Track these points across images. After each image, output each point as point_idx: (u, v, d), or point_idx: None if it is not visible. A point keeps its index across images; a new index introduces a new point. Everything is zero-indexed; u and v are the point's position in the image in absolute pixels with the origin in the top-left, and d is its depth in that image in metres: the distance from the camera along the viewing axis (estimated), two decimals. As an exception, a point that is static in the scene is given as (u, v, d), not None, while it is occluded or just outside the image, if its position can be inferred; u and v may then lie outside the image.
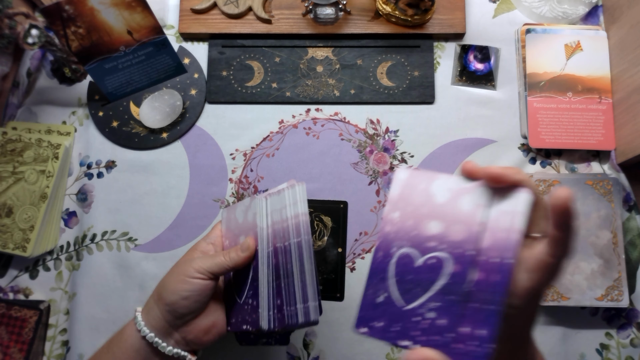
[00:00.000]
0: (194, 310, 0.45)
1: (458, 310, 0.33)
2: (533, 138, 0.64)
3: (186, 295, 0.44)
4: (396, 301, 0.35)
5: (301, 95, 0.67)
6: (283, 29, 0.68)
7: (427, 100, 0.67)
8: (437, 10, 0.67)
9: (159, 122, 0.66)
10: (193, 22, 0.68)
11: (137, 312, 0.47)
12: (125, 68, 0.65)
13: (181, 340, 0.46)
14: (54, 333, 0.63)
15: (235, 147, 0.66)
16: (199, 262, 0.45)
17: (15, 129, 0.66)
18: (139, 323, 0.45)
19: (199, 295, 0.45)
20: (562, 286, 0.58)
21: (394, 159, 0.65)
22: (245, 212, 0.49)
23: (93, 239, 0.64)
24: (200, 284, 0.44)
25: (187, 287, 0.44)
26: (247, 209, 0.49)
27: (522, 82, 0.66)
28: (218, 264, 0.45)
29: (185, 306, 0.44)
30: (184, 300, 0.44)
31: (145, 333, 0.45)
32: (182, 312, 0.45)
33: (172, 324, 0.45)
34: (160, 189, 0.65)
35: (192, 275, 0.44)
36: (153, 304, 0.46)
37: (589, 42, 0.65)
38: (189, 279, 0.44)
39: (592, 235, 0.59)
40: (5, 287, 0.64)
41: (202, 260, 0.45)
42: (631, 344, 0.60)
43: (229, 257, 0.46)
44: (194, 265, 0.45)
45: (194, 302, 0.45)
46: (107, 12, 0.59)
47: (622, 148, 0.62)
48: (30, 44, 0.57)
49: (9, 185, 0.63)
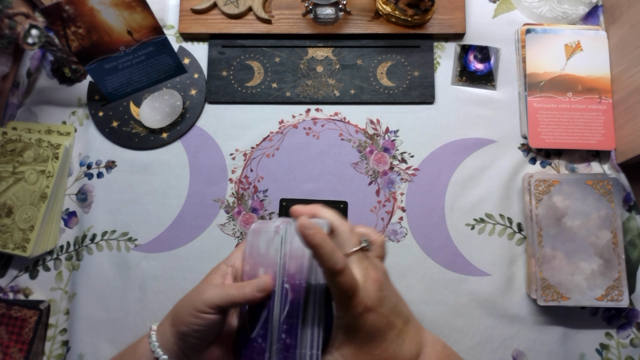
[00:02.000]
0: (205, 341, 0.45)
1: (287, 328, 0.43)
2: (533, 138, 0.64)
3: (197, 329, 0.44)
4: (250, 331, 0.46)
5: (301, 95, 0.67)
6: (283, 29, 0.68)
7: (427, 100, 0.67)
8: (437, 10, 0.67)
9: (159, 122, 0.66)
10: (193, 22, 0.68)
11: (152, 332, 0.46)
12: (125, 68, 0.65)
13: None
14: (54, 333, 0.63)
15: (235, 147, 0.66)
16: (211, 295, 0.44)
17: (15, 129, 0.66)
18: (153, 344, 0.45)
19: (210, 329, 0.44)
20: (562, 286, 0.58)
21: (394, 159, 0.65)
22: (268, 244, 0.47)
23: (93, 239, 0.64)
24: (210, 319, 0.43)
25: (198, 321, 0.43)
26: (270, 242, 0.46)
27: (522, 82, 0.66)
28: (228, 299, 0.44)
29: (197, 337, 0.44)
30: (196, 332, 0.44)
31: (159, 355, 0.44)
32: (193, 343, 0.44)
33: (184, 350, 0.45)
34: (160, 189, 0.65)
35: (203, 310, 0.43)
36: (167, 327, 0.45)
37: (589, 42, 0.65)
38: (200, 313, 0.43)
39: (592, 235, 0.59)
40: (5, 287, 0.64)
41: (215, 293, 0.44)
42: (631, 344, 0.60)
43: (243, 293, 0.44)
44: (205, 298, 0.43)
45: (205, 334, 0.44)
46: (107, 12, 0.59)
47: (622, 148, 0.62)
48: (30, 44, 0.57)
49: (9, 185, 0.63)
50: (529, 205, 0.61)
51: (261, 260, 0.47)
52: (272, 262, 0.46)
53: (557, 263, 0.59)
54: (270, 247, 0.46)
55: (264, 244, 0.47)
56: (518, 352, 0.60)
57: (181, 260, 0.63)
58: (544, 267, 0.59)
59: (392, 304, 0.41)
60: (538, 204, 0.60)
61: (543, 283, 0.58)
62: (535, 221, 0.60)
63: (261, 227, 0.48)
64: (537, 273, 0.59)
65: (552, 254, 0.59)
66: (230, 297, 0.44)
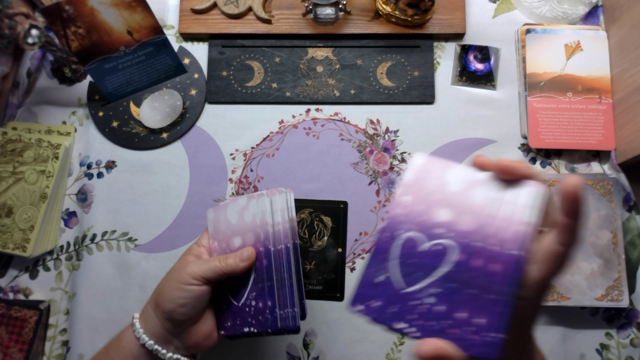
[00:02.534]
0: (192, 317, 0.45)
1: (458, 298, 0.33)
2: (533, 138, 0.64)
3: (183, 302, 0.44)
4: (396, 283, 0.35)
5: (301, 95, 0.67)
6: (283, 29, 0.68)
7: (427, 100, 0.67)
8: (437, 10, 0.67)
9: (159, 122, 0.66)
10: (193, 22, 0.68)
11: (134, 319, 0.46)
12: (125, 68, 0.65)
13: (181, 346, 0.46)
14: (54, 333, 0.63)
15: (235, 147, 0.66)
16: (193, 267, 0.44)
17: (15, 129, 0.66)
18: (138, 330, 0.45)
19: (196, 302, 0.44)
20: (562, 286, 0.58)
21: (394, 159, 0.65)
22: (240, 212, 0.49)
23: (93, 239, 0.64)
24: (196, 290, 0.44)
25: (184, 294, 0.44)
26: (242, 210, 0.49)
27: (522, 82, 0.66)
28: (213, 270, 0.44)
29: (183, 313, 0.44)
30: (182, 307, 0.44)
31: (144, 341, 0.44)
32: (180, 320, 0.44)
33: (171, 331, 0.45)
34: (160, 189, 0.65)
35: (188, 282, 0.44)
36: (151, 311, 0.46)
37: (589, 42, 0.65)
38: (185, 285, 0.44)
39: (592, 235, 0.59)
40: (5, 287, 0.64)
41: (197, 266, 0.45)
42: (631, 344, 0.60)
43: (226, 264, 0.45)
44: (188, 271, 0.44)
45: (192, 308, 0.44)
46: (107, 12, 0.59)
47: (622, 148, 0.62)
48: (30, 44, 0.57)
49: (9, 185, 0.63)
50: (529, 205, 0.61)
51: (233, 230, 0.49)
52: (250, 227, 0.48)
53: (557, 263, 0.59)
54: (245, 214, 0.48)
55: (234, 215, 0.49)
56: (518, 352, 0.60)
57: (181, 260, 0.63)
58: (544, 267, 0.59)
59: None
60: (538, 204, 0.60)
61: (543, 283, 0.58)
62: (535, 221, 0.60)
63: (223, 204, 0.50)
64: (537, 273, 0.59)
65: (552, 254, 0.59)
66: (214, 267, 0.44)
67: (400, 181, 0.37)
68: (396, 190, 0.38)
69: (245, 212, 0.48)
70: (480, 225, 0.34)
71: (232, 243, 0.48)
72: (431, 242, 0.35)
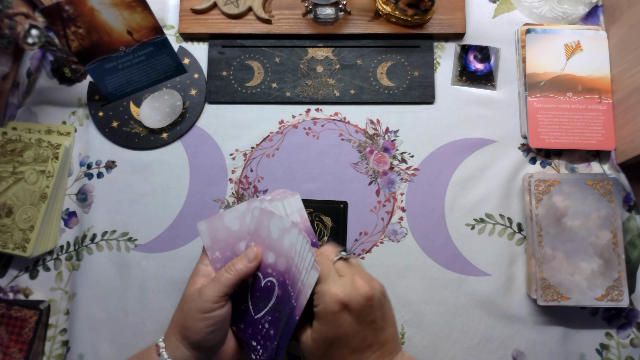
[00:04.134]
0: (221, 339, 0.46)
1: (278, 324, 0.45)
2: (533, 138, 0.64)
3: (211, 330, 0.44)
4: (251, 310, 0.47)
5: (301, 95, 0.67)
6: (283, 29, 0.68)
7: (427, 100, 0.67)
8: (437, 10, 0.67)
9: (159, 122, 0.66)
10: (193, 22, 0.68)
11: (161, 349, 0.45)
12: (125, 68, 0.65)
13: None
14: (54, 333, 0.63)
15: (235, 147, 0.66)
16: (209, 292, 0.44)
17: (15, 129, 0.66)
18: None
19: (222, 324, 0.45)
20: (562, 286, 0.58)
21: (394, 159, 0.65)
22: (240, 217, 0.48)
23: (93, 239, 0.64)
24: (220, 314, 0.44)
25: (210, 322, 0.43)
26: (243, 214, 0.48)
27: (522, 82, 0.66)
28: (227, 285, 0.44)
29: (213, 339, 0.44)
30: (210, 335, 0.44)
31: None
32: (211, 345, 0.45)
33: (202, 358, 0.45)
34: (160, 189, 0.65)
35: (210, 309, 0.43)
36: (178, 343, 0.45)
37: (589, 42, 0.65)
38: (208, 314, 0.43)
39: (592, 235, 0.59)
40: (5, 287, 0.64)
41: (212, 289, 0.44)
42: (631, 344, 0.60)
43: (236, 270, 0.45)
44: (206, 298, 0.44)
45: (219, 331, 0.45)
46: (107, 12, 0.59)
47: (622, 148, 0.62)
48: (30, 44, 0.57)
49: (9, 185, 0.63)
50: (529, 205, 0.61)
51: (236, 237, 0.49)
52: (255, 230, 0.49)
53: (557, 263, 0.59)
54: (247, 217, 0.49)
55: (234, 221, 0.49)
56: (518, 352, 0.60)
57: (181, 260, 0.63)
58: (544, 267, 0.59)
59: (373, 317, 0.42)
60: (538, 204, 0.60)
61: (543, 283, 0.58)
62: (535, 221, 0.60)
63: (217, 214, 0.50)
64: (537, 273, 0.59)
65: (552, 254, 0.59)
66: (226, 280, 0.44)
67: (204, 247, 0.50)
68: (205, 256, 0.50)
69: (247, 215, 0.48)
70: (287, 267, 0.44)
71: (237, 247, 0.48)
72: (265, 279, 0.46)
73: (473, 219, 0.64)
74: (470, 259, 0.62)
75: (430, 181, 0.65)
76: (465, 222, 0.63)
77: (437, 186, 0.64)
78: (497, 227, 0.63)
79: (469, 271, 0.62)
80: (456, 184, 0.64)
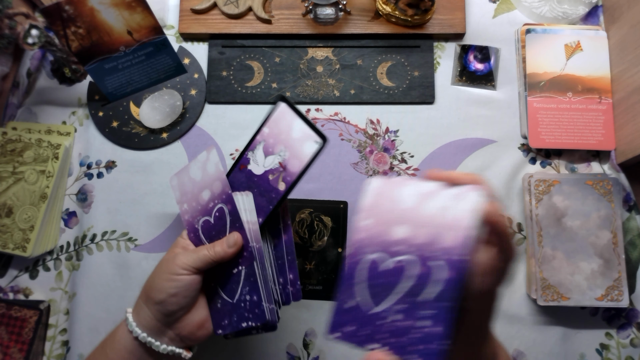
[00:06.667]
0: (184, 306, 0.45)
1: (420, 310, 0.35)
2: (533, 138, 0.64)
3: (174, 292, 0.44)
4: (365, 305, 0.37)
5: (301, 95, 0.67)
6: (283, 29, 0.68)
7: (427, 100, 0.67)
8: (437, 10, 0.67)
9: (159, 122, 0.66)
10: (193, 22, 0.68)
11: (127, 313, 0.46)
12: (125, 68, 0.65)
13: (175, 337, 0.46)
14: (54, 333, 0.63)
15: (235, 147, 0.66)
16: (182, 258, 0.45)
17: (15, 129, 0.66)
18: (131, 324, 0.45)
19: (187, 291, 0.45)
20: (562, 286, 0.58)
21: (394, 159, 0.65)
22: (202, 167, 0.49)
23: (93, 239, 0.64)
24: (186, 279, 0.44)
25: (174, 284, 0.44)
26: (204, 163, 0.49)
27: (522, 82, 0.66)
28: (202, 259, 0.45)
29: (175, 302, 0.44)
30: (173, 297, 0.44)
31: (137, 334, 0.45)
32: (172, 309, 0.45)
33: (163, 322, 0.45)
34: (160, 189, 0.65)
35: (177, 272, 0.44)
36: (142, 304, 0.46)
37: (589, 42, 0.65)
38: (175, 276, 0.44)
39: (592, 235, 0.59)
40: (5, 287, 0.64)
41: (185, 256, 0.45)
42: (631, 344, 0.60)
43: (214, 251, 0.45)
44: (177, 262, 0.45)
45: (183, 297, 0.45)
46: (107, 12, 0.59)
47: (622, 148, 0.62)
48: (30, 44, 0.57)
49: (9, 185, 0.63)
50: (529, 205, 0.61)
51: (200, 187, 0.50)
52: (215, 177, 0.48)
53: (557, 263, 0.59)
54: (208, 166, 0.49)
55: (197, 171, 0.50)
56: (518, 352, 0.60)
57: (181, 260, 0.63)
58: (544, 267, 0.59)
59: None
60: (538, 204, 0.60)
61: (543, 283, 0.58)
62: (535, 221, 0.60)
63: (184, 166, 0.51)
64: (537, 273, 0.59)
65: (552, 254, 0.59)
66: (203, 256, 0.45)
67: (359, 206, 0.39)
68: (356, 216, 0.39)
69: (208, 163, 0.49)
70: (433, 236, 0.35)
71: (202, 198, 0.49)
72: (393, 259, 0.36)
73: (473, 219, 0.63)
74: (470, 259, 0.62)
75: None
76: (465, 222, 0.63)
77: (437, 186, 0.64)
78: (497, 227, 0.63)
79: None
80: (456, 184, 0.64)
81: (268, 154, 0.47)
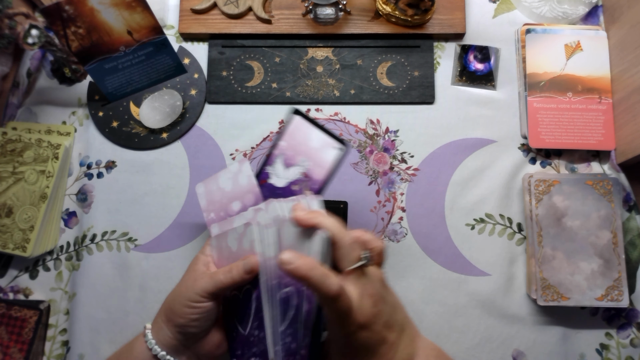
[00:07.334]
0: (204, 330, 0.46)
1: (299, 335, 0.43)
2: (533, 138, 0.64)
3: (194, 318, 0.45)
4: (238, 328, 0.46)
5: (301, 95, 0.67)
6: (283, 29, 0.68)
7: (427, 100, 0.67)
8: (437, 10, 0.67)
9: (159, 122, 0.66)
10: (193, 22, 0.68)
11: (147, 330, 0.47)
12: (125, 68, 0.65)
13: (193, 355, 0.46)
14: (54, 333, 0.63)
15: (235, 147, 0.66)
16: (201, 284, 0.45)
17: (15, 129, 0.66)
18: (150, 342, 0.46)
19: (207, 317, 0.45)
20: (562, 286, 0.58)
21: (394, 159, 0.65)
22: (234, 178, 0.49)
23: (93, 239, 0.64)
24: (206, 307, 0.45)
25: (195, 311, 0.45)
26: (236, 174, 0.49)
27: (522, 82, 0.66)
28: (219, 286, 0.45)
29: (197, 326, 0.45)
30: (194, 322, 0.45)
31: (156, 352, 0.45)
32: (193, 332, 0.45)
33: (183, 343, 0.46)
34: (160, 189, 0.65)
35: (197, 300, 0.44)
36: (162, 324, 0.46)
37: (589, 42, 0.65)
38: (195, 303, 0.44)
39: (592, 235, 0.59)
40: (5, 287, 0.64)
41: (205, 282, 0.45)
42: (631, 344, 0.60)
43: (231, 277, 0.45)
44: (197, 289, 0.45)
45: (204, 322, 0.45)
46: (107, 12, 0.59)
47: (622, 148, 0.62)
48: (30, 44, 0.57)
49: (9, 185, 0.63)
50: (529, 205, 0.61)
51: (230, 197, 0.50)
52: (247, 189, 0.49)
53: (557, 263, 0.59)
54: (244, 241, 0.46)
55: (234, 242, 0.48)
56: (518, 352, 0.60)
57: (181, 260, 0.63)
58: (544, 267, 0.59)
59: (386, 316, 0.41)
60: (538, 204, 0.60)
61: (543, 283, 0.58)
62: (535, 221, 0.60)
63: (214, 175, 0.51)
64: (537, 273, 0.59)
65: (552, 254, 0.59)
66: (219, 282, 0.45)
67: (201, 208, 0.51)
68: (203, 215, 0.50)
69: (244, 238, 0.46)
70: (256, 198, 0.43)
71: (231, 208, 0.49)
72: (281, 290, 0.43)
73: (473, 219, 0.64)
74: (470, 259, 0.62)
75: (430, 181, 0.65)
76: (465, 222, 0.63)
77: (437, 186, 0.64)
78: (497, 227, 0.63)
79: (469, 271, 0.62)
80: (456, 184, 0.64)
81: (289, 165, 0.47)
